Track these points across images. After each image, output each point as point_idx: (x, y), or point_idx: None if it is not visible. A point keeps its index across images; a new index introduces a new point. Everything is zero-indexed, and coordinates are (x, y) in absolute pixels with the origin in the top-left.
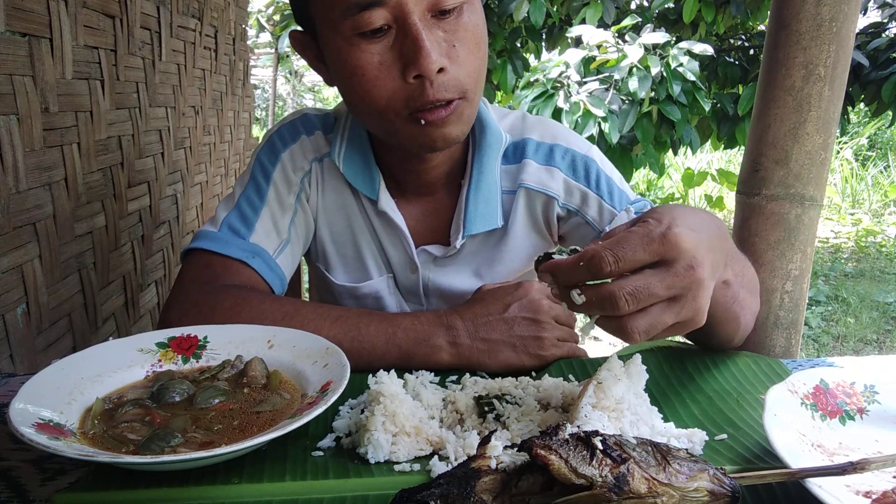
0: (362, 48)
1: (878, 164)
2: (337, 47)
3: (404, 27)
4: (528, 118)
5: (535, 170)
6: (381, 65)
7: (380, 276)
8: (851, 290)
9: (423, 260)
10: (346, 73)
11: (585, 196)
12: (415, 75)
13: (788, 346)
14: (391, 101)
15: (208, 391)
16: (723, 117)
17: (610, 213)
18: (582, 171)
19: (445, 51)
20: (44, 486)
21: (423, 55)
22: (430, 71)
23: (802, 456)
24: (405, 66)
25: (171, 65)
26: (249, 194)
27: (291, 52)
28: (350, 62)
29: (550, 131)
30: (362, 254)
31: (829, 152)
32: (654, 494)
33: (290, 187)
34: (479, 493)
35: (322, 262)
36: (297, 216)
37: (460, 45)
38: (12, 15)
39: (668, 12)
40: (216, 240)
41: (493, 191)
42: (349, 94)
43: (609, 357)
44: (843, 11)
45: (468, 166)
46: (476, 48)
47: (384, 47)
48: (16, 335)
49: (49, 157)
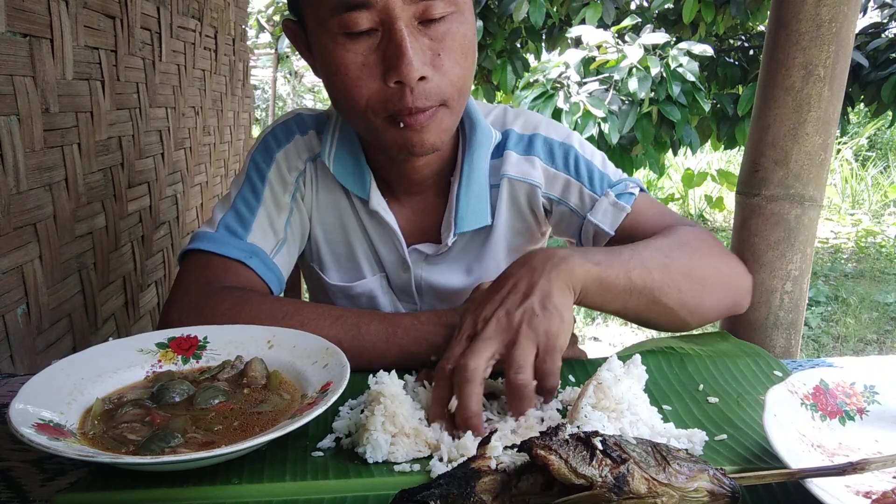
0: (347, 47)
1: (878, 164)
2: (323, 44)
3: (390, 31)
4: (509, 111)
5: (515, 160)
6: (364, 66)
7: (373, 275)
8: (851, 290)
9: (415, 259)
10: (329, 69)
11: (566, 183)
12: (395, 80)
13: (788, 346)
14: (370, 101)
15: (208, 391)
16: (723, 118)
17: (591, 198)
18: (560, 158)
19: (429, 59)
20: (44, 486)
21: (405, 62)
22: (411, 78)
23: (802, 456)
24: (387, 70)
25: (171, 65)
26: (245, 195)
27: (291, 52)
28: (334, 60)
29: (532, 122)
30: (355, 253)
31: (829, 153)
32: (654, 495)
33: (286, 187)
34: (479, 494)
35: (316, 262)
36: (293, 215)
37: (445, 54)
38: (13, 15)
39: (667, 13)
40: (213, 240)
41: (482, 188)
42: (332, 90)
43: (609, 357)
44: (843, 12)
45: (458, 164)
46: (462, 58)
47: (368, 48)
48: (16, 335)
49: (49, 158)
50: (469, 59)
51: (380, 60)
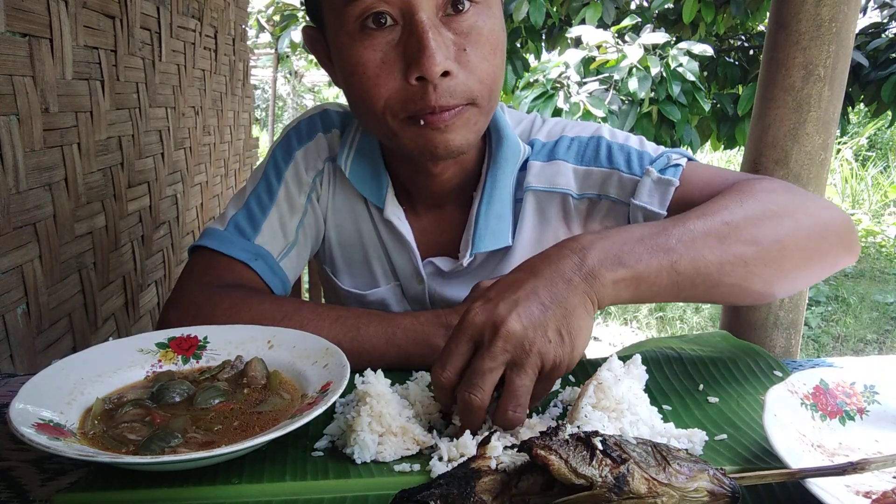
0: (365, 44)
1: (878, 164)
2: (340, 42)
3: (410, 24)
4: (537, 122)
5: (539, 169)
6: (384, 63)
7: (386, 284)
8: (851, 290)
9: (430, 272)
10: (347, 70)
11: (603, 176)
12: (417, 77)
13: (788, 346)
14: (389, 101)
15: (208, 391)
16: (723, 117)
17: (632, 181)
18: (591, 152)
19: (454, 54)
20: (44, 486)
21: (427, 55)
22: (433, 73)
23: (802, 456)
24: (408, 65)
25: (171, 65)
26: (260, 193)
27: (291, 52)
28: (352, 58)
29: (558, 127)
30: (369, 260)
31: (829, 152)
32: (654, 494)
33: (301, 187)
34: (479, 494)
35: (329, 265)
36: (307, 217)
37: (472, 48)
38: (12, 15)
39: (667, 13)
40: (221, 239)
41: (505, 206)
42: (350, 93)
43: (609, 357)
44: (843, 11)
45: (482, 179)
46: (490, 53)
47: (388, 44)
48: (16, 335)
49: (49, 158)
50: (498, 55)
51: (400, 57)
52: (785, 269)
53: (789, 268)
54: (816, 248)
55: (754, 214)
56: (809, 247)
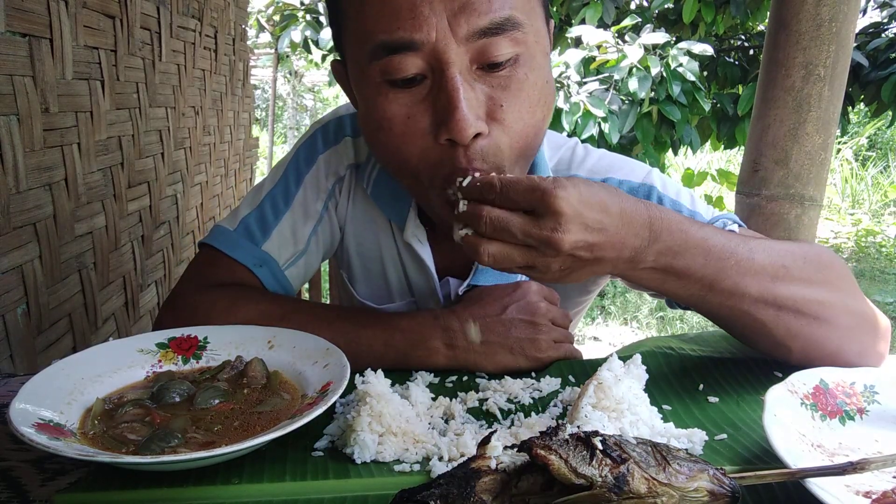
0: (390, 98)
1: (878, 164)
2: (365, 95)
3: (441, 79)
4: (578, 151)
5: None
6: (410, 118)
7: (402, 300)
8: None
9: (447, 293)
10: (372, 124)
11: None
12: (446, 138)
13: None
14: (422, 161)
15: (208, 392)
16: (723, 117)
17: None
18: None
19: (488, 111)
20: (44, 486)
21: (457, 118)
22: (463, 137)
23: (802, 456)
24: (437, 125)
25: (171, 65)
26: (276, 195)
27: (291, 51)
28: (376, 113)
29: (603, 164)
30: (387, 274)
31: (829, 152)
32: (654, 494)
33: (319, 193)
34: (479, 494)
35: (346, 271)
36: (322, 224)
37: (510, 104)
38: (12, 15)
39: (667, 12)
40: (228, 240)
41: None
42: (376, 149)
43: (609, 357)
44: (843, 11)
45: None
46: (531, 109)
47: (415, 99)
48: (16, 335)
49: (49, 158)
50: (540, 111)
51: (428, 111)
52: (812, 330)
53: (819, 334)
54: (852, 328)
55: (810, 274)
56: (846, 324)
